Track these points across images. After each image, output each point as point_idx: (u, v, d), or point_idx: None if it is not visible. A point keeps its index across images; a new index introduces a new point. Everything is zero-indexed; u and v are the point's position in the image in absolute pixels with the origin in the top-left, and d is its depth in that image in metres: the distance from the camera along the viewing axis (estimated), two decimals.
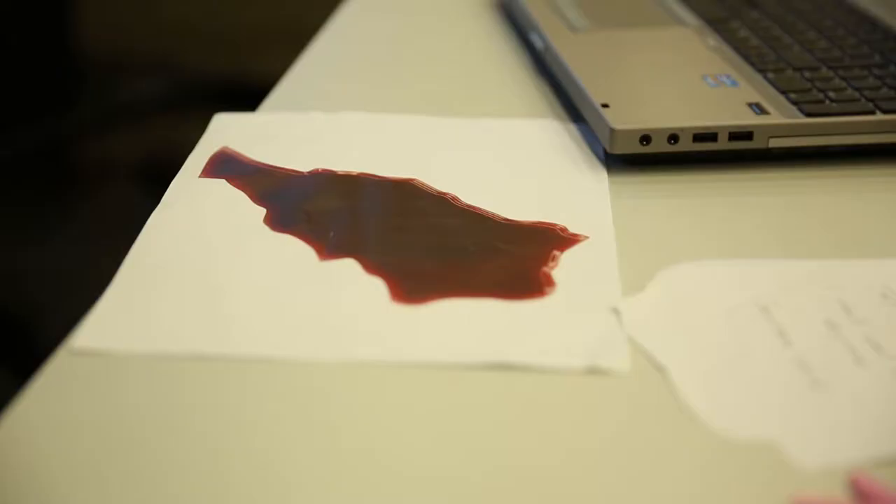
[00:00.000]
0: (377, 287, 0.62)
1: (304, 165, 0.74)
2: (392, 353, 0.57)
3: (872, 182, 0.73)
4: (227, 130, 0.78)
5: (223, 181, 0.72)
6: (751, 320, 0.60)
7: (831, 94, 0.76)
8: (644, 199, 0.71)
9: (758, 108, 0.74)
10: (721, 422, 0.53)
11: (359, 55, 0.92)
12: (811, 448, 0.51)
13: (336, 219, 0.68)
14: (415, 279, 0.62)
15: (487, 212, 0.69)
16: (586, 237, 0.66)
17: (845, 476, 0.50)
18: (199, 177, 0.72)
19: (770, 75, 0.79)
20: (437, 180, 0.72)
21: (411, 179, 0.72)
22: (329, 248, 0.65)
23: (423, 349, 0.57)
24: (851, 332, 0.59)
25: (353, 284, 0.62)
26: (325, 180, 0.72)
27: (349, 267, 0.63)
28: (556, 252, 0.65)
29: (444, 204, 0.70)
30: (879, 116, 0.74)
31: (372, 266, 0.63)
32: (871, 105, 0.75)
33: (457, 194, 0.71)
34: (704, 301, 0.61)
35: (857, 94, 0.76)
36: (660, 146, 0.72)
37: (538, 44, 0.86)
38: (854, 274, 0.63)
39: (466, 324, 0.59)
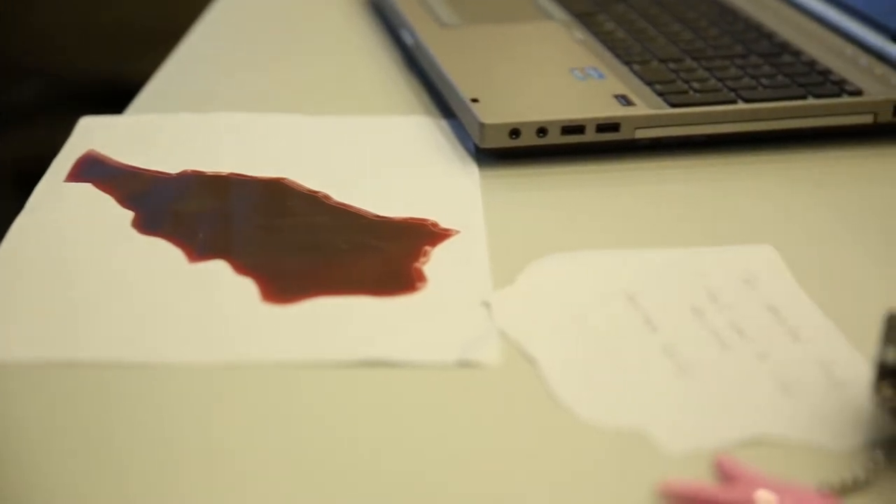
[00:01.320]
0: (248, 288, 0.61)
1: (172, 167, 0.73)
2: (264, 354, 0.57)
3: (735, 170, 0.74)
4: (93, 133, 0.77)
5: (89, 185, 0.71)
6: (618, 309, 0.60)
7: (695, 85, 0.77)
8: (514, 193, 0.72)
9: (624, 100, 0.76)
10: (590, 410, 0.54)
11: (229, 54, 0.91)
12: (677, 433, 0.52)
13: (205, 220, 0.67)
14: (285, 279, 0.62)
15: (359, 209, 0.69)
16: (457, 232, 0.67)
17: (710, 459, 0.51)
18: (65, 181, 0.71)
19: (636, 67, 0.80)
20: (308, 179, 0.72)
21: (282, 179, 0.72)
22: (198, 249, 0.64)
23: (294, 348, 0.57)
24: (716, 317, 0.60)
25: (223, 286, 0.61)
26: (194, 181, 0.72)
27: (219, 268, 0.63)
28: (427, 247, 0.65)
29: (314, 202, 0.70)
30: (741, 105, 0.75)
31: (242, 267, 0.63)
32: (733, 94, 0.76)
33: (328, 192, 0.70)
34: (573, 292, 0.62)
35: (719, 85, 0.77)
36: (529, 139, 0.73)
37: (408, 40, 0.87)
38: (718, 261, 0.65)
39: (338, 322, 0.59)
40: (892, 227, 0.69)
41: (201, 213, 0.68)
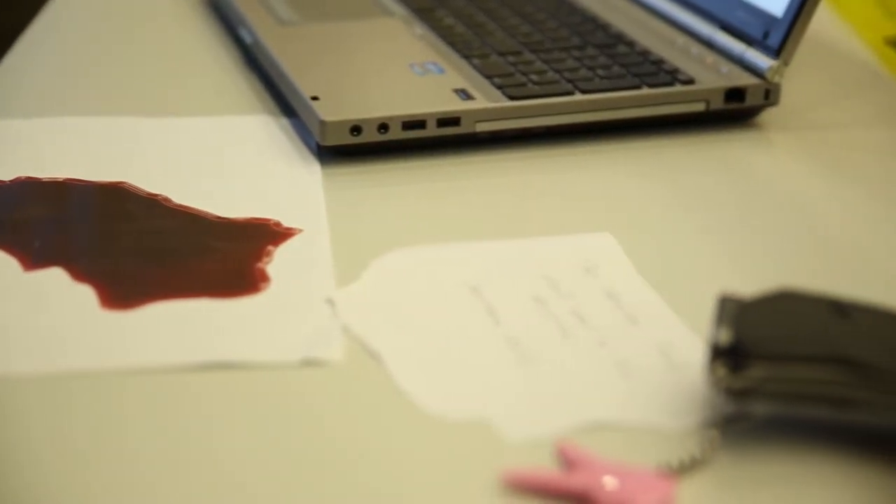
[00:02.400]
0: (86, 295, 0.60)
1: (4, 174, 0.71)
2: (104, 361, 0.56)
3: (575, 160, 0.75)
4: None
5: None
6: (462, 301, 0.61)
7: (533, 77, 0.78)
8: (358, 190, 0.72)
9: (464, 94, 0.76)
10: (434, 403, 0.54)
11: (63, 57, 0.89)
12: (520, 422, 0.53)
13: (41, 227, 0.66)
14: (125, 284, 0.61)
15: (200, 211, 0.68)
16: (300, 231, 0.67)
17: (553, 446, 0.52)
18: None
19: (475, 61, 0.80)
20: (148, 182, 0.71)
21: (121, 183, 0.71)
22: (34, 257, 0.63)
23: (135, 354, 0.57)
24: (558, 306, 0.61)
25: (61, 294, 0.60)
26: (29, 188, 0.70)
27: (56, 276, 0.62)
28: (270, 247, 0.65)
29: (154, 206, 0.69)
30: (578, 97, 0.77)
31: (80, 273, 0.62)
32: (570, 86, 0.77)
33: (168, 195, 0.70)
34: (417, 286, 0.62)
35: (557, 77, 0.78)
36: (370, 136, 0.73)
37: (247, 39, 0.86)
38: (559, 250, 0.66)
39: (180, 325, 0.59)
40: (725, 212, 0.70)
41: (37, 221, 0.67)
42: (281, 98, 0.80)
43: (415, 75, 0.79)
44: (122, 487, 0.49)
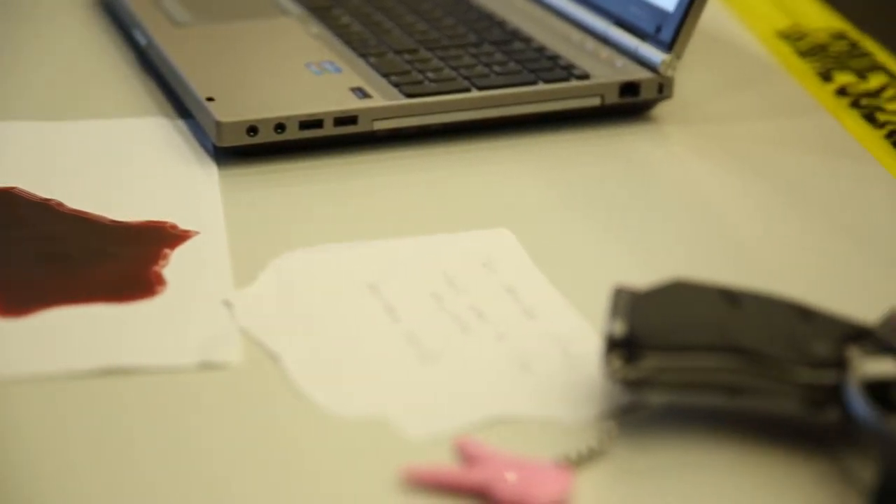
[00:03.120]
0: None
1: None
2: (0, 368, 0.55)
3: (473, 157, 0.76)
4: None
5: None
6: (360, 300, 0.61)
7: (430, 75, 0.78)
8: (255, 190, 0.71)
9: (361, 93, 0.76)
10: (333, 403, 0.54)
11: None
12: (419, 419, 0.53)
13: None
14: (17, 291, 0.60)
15: (94, 215, 0.67)
16: (197, 233, 0.66)
17: (453, 442, 0.52)
18: None
19: (372, 59, 0.80)
20: (40, 187, 0.70)
21: (11, 188, 0.69)
22: None
23: (32, 361, 0.56)
24: (456, 302, 0.61)
25: None
26: None
27: None
28: (166, 250, 0.64)
29: (47, 211, 0.68)
30: (475, 93, 0.77)
31: None
32: (467, 83, 0.77)
33: (61, 200, 0.68)
34: (316, 286, 0.62)
35: (454, 74, 0.79)
36: (267, 136, 0.73)
37: (141, 40, 0.85)
38: (457, 246, 0.66)
39: (76, 331, 0.58)
40: (620, 205, 0.71)
41: None
42: (177, 100, 0.80)
43: (311, 74, 0.78)
44: (21, 496, 0.49)
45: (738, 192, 0.73)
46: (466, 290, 0.62)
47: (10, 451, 0.51)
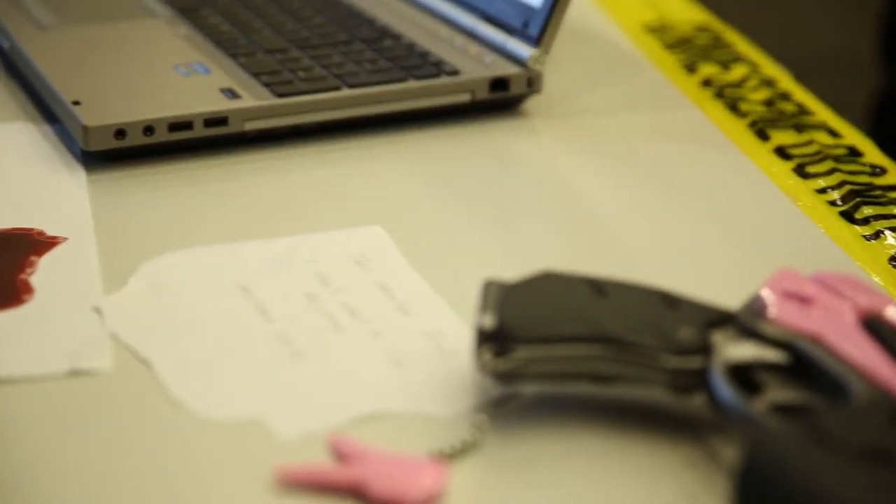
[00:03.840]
0: None
1: None
2: None
3: (346, 155, 0.76)
4: None
5: None
6: (233, 302, 0.61)
7: (301, 74, 0.78)
8: (125, 195, 0.71)
9: (231, 93, 0.76)
10: (206, 406, 0.54)
11: None
12: (293, 419, 0.53)
13: None
14: None
15: None
16: (65, 239, 0.65)
17: (327, 440, 0.52)
18: None
19: (242, 60, 0.80)
20: None
21: None
22: None
23: None
24: (329, 301, 0.61)
25: None
26: None
27: None
28: (33, 258, 0.63)
29: None
30: (346, 91, 0.77)
31: None
32: (338, 81, 0.77)
33: None
34: (187, 289, 0.62)
35: (324, 72, 0.78)
36: (136, 139, 0.72)
37: (4, 45, 0.83)
38: (330, 245, 0.66)
39: None
40: (493, 200, 0.72)
41: None
42: (42, 104, 0.78)
43: (180, 76, 0.78)
44: None
45: (608, 184, 0.74)
46: (340, 289, 0.62)
47: None
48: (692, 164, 0.76)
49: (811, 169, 0.74)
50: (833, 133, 0.78)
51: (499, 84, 0.79)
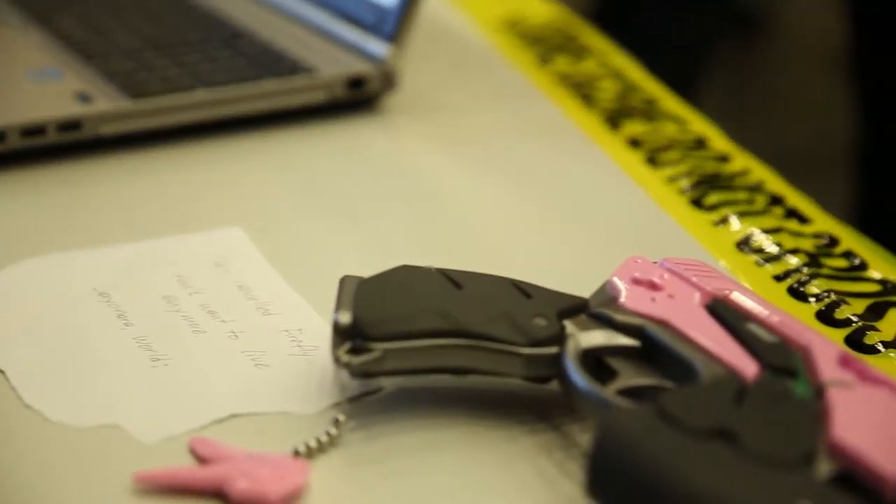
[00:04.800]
0: None
1: None
2: None
3: (204, 157, 0.75)
4: None
5: None
6: (90, 308, 0.60)
7: (156, 75, 0.78)
8: None
9: (84, 97, 0.75)
10: (63, 413, 0.53)
11: None
12: (153, 422, 0.53)
13: None
14: None
15: None
16: None
17: (187, 443, 0.52)
18: None
19: (96, 62, 0.79)
20: None
21: None
22: None
23: None
24: (188, 303, 0.61)
25: None
26: None
27: None
28: None
29: None
30: (202, 92, 0.76)
31: None
32: (193, 82, 0.77)
33: None
34: (43, 296, 0.61)
35: (180, 73, 0.78)
36: None
37: None
38: (189, 248, 0.66)
39: None
40: (353, 198, 0.72)
41: None
42: None
43: (32, 82, 0.77)
44: None
45: (465, 179, 0.75)
46: (199, 291, 0.62)
47: None
48: (547, 156, 0.77)
49: (661, 157, 0.76)
50: (680, 122, 0.81)
51: (356, 82, 0.79)
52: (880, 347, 0.59)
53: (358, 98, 0.80)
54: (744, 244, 0.68)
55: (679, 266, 0.57)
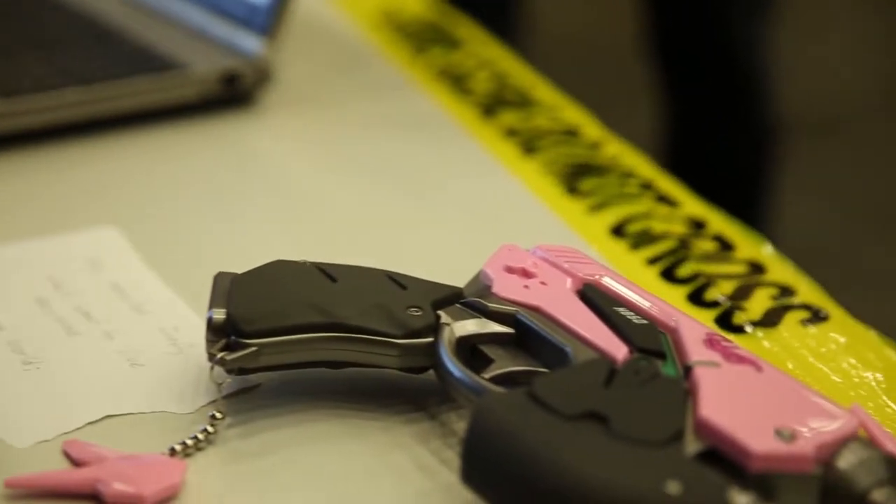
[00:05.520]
0: None
1: None
2: None
3: (78, 156, 0.74)
4: None
5: None
6: None
7: (27, 74, 0.77)
8: None
9: None
10: None
11: None
12: (26, 427, 0.52)
13: None
14: None
15: None
16: None
17: (60, 446, 0.51)
18: None
19: None
20: None
21: None
22: None
23: None
24: (62, 305, 0.60)
25: None
26: None
27: None
28: None
29: None
30: (72, 89, 0.75)
31: None
32: (63, 80, 0.76)
33: None
34: None
35: (50, 71, 0.77)
36: None
37: None
38: (62, 249, 0.65)
39: None
40: (228, 194, 0.72)
41: None
42: None
43: None
44: None
45: (342, 173, 0.75)
46: (73, 292, 0.61)
47: None
48: (422, 149, 0.78)
49: (535, 145, 0.77)
50: (553, 110, 0.82)
51: (230, 78, 0.79)
52: (748, 328, 0.61)
53: (232, 94, 0.79)
54: (617, 230, 0.69)
55: (551, 253, 0.58)
